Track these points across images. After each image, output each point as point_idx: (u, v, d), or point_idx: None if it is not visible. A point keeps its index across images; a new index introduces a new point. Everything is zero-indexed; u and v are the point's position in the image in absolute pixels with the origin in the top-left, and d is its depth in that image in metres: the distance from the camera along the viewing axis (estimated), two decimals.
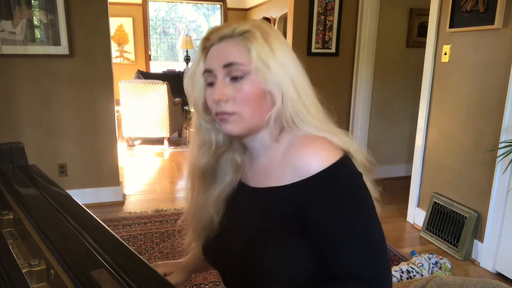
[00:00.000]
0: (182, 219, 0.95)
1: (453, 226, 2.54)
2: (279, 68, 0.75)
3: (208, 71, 0.78)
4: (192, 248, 0.98)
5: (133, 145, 5.22)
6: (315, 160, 0.71)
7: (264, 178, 0.81)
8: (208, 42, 0.78)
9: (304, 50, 3.44)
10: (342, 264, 0.68)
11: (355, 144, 0.79)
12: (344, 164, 0.73)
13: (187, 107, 5.66)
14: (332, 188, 0.70)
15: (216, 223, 0.85)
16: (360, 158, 0.78)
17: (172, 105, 5.08)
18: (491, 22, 2.22)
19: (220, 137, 0.84)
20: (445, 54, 2.60)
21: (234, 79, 0.75)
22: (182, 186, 3.83)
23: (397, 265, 2.21)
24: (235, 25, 0.76)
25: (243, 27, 0.75)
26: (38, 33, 2.87)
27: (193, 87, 0.82)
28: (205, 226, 0.87)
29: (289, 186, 0.74)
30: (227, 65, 0.75)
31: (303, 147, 0.74)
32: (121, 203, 3.25)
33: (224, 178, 0.85)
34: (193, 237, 0.92)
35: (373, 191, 0.78)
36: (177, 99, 5.40)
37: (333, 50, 3.58)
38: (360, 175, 0.74)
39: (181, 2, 8.16)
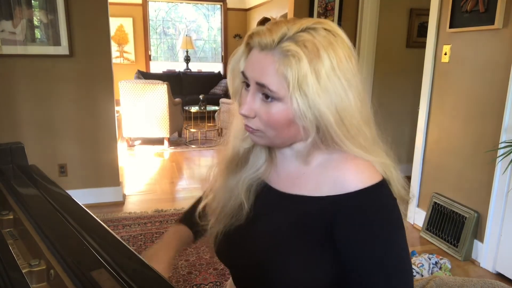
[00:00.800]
0: (204, 203, 0.90)
1: (453, 226, 2.54)
2: (321, 97, 0.66)
3: (244, 76, 0.72)
4: (211, 233, 0.89)
5: (133, 145, 5.22)
6: (356, 177, 0.68)
7: (293, 184, 0.77)
8: (251, 41, 0.71)
9: None
10: None
11: (397, 172, 0.76)
12: (384, 187, 0.70)
13: (187, 107, 5.66)
14: (370, 208, 0.68)
15: (245, 212, 0.80)
16: (398, 187, 0.75)
17: (172, 105, 5.08)
18: (491, 22, 2.22)
19: None
20: (445, 54, 2.60)
21: (266, 97, 0.69)
22: (182, 186, 3.84)
23: None
24: (282, 32, 0.66)
25: (289, 46, 0.65)
26: (38, 33, 2.87)
27: (233, 80, 0.78)
28: (232, 212, 0.82)
29: (323, 198, 0.70)
30: (259, 84, 0.68)
31: (345, 163, 0.70)
32: (121, 203, 3.25)
33: (257, 163, 0.82)
34: (217, 222, 0.86)
35: (404, 221, 0.75)
36: (177, 99, 5.40)
37: None
38: (395, 199, 0.72)
39: (181, 2, 8.16)
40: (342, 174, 0.69)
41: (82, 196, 3.07)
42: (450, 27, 2.51)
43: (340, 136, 0.69)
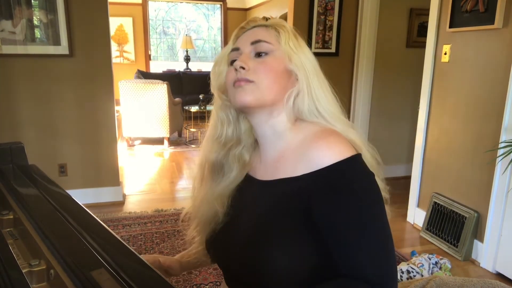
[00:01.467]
0: (185, 210, 0.97)
1: (453, 226, 2.54)
2: (304, 56, 0.80)
3: (235, 49, 0.83)
4: (194, 242, 0.97)
5: (133, 145, 5.22)
6: (328, 153, 0.71)
7: (273, 171, 0.80)
8: (241, 31, 0.85)
9: None
10: (348, 263, 0.68)
11: (364, 141, 0.80)
12: (358, 160, 0.72)
13: (187, 107, 5.66)
14: (343, 181, 0.69)
15: (221, 216, 0.85)
16: (368, 156, 0.78)
17: (172, 105, 5.08)
18: (491, 22, 2.22)
19: (230, 130, 0.86)
20: (445, 54, 2.60)
21: (259, 55, 0.80)
22: (182, 186, 3.84)
23: (397, 265, 2.21)
24: (271, 20, 0.84)
25: (278, 21, 0.83)
26: (38, 33, 2.87)
27: (218, 68, 0.87)
28: (209, 220, 0.87)
29: (299, 178, 0.73)
30: (255, 42, 0.80)
31: (317, 140, 0.74)
32: (121, 203, 3.25)
33: (230, 174, 0.86)
34: (197, 231, 0.92)
35: (383, 190, 0.77)
36: (177, 99, 5.40)
37: (333, 50, 3.58)
38: (372, 174, 0.73)
39: (181, 2, 8.16)
40: (315, 151, 0.73)
41: (82, 196, 3.07)
42: (450, 27, 2.51)
43: (317, 89, 0.80)
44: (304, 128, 0.79)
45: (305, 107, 0.79)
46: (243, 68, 0.78)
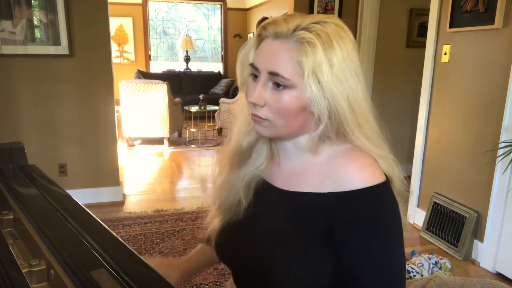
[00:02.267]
0: (207, 195, 0.92)
1: (453, 226, 2.54)
2: (335, 85, 0.68)
3: (254, 67, 0.73)
4: (213, 225, 0.90)
5: (133, 145, 5.22)
6: (360, 176, 0.68)
7: (295, 181, 0.77)
8: (264, 32, 0.72)
9: None
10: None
11: (398, 170, 0.77)
12: (387, 188, 0.71)
13: (187, 107, 5.66)
14: (370, 208, 0.68)
15: (243, 208, 0.81)
16: (399, 186, 0.76)
17: (172, 105, 5.08)
18: (491, 22, 2.22)
19: None
20: (445, 54, 2.60)
21: (277, 85, 0.70)
22: (182, 186, 3.84)
23: None
24: (297, 23, 0.68)
25: (304, 34, 0.67)
26: (38, 33, 2.87)
27: (241, 70, 0.79)
28: (231, 207, 0.83)
29: (326, 195, 0.71)
30: (272, 73, 0.69)
31: (350, 160, 0.71)
32: (121, 203, 3.25)
33: (258, 160, 0.82)
34: (218, 212, 0.87)
35: (404, 220, 0.76)
36: (177, 99, 5.40)
37: None
38: (397, 204, 0.72)
39: (181, 2, 8.16)
40: (346, 171, 0.70)
41: (82, 196, 3.07)
42: (450, 27, 2.51)
43: (350, 124, 0.70)
44: (333, 145, 0.74)
45: (340, 132, 0.72)
46: (258, 105, 0.72)
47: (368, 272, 0.67)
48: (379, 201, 0.69)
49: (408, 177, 3.05)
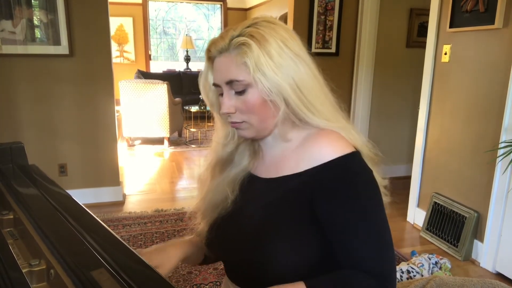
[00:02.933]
0: (192, 207, 0.96)
1: (453, 226, 2.54)
2: (277, 73, 0.74)
3: (216, 85, 0.82)
4: (201, 226, 0.96)
5: (133, 145, 5.22)
6: (330, 149, 0.75)
7: (276, 169, 0.83)
8: (210, 54, 0.81)
9: None
10: (349, 255, 0.70)
11: (362, 138, 0.82)
12: (357, 156, 0.76)
13: (187, 107, 5.66)
14: (343, 176, 0.73)
15: (230, 202, 0.86)
16: (367, 152, 0.81)
17: (172, 105, 5.08)
18: (491, 22, 2.22)
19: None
20: (445, 54, 2.60)
21: (238, 92, 0.78)
22: (182, 186, 3.84)
23: (397, 265, 2.21)
24: (230, 35, 0.76)
25: (238, 39, 0.75)
26: (38, 33, 2.87)
27: (207, 94, 0.86)
28: (218, 204, 0.88)
29: (301, 173, 0.76)
30: (229, 82, 0.77)
31: (318, 138, 0.77)
32: (121, 203, 3.25)
33: (242, 161, 0.88)
34: (203, 217, 0.93)
35: (382, 182, 0.80)
36: (177, 99, 5.40)
37: (333, 50, 3.58)
38: (371, 170, 0.77)
39: (181, 2, 8.16)
40: (317, 148, 0.76)
41: (82, 196, 3.07)
42: (450, 27, 2.51)
43: (301, 107, 0.77)
44: (304, 129, 0.81)
45: (298, 117, 0.79)
46: (231, 113, 0.79)
47: (354, 237, 0.70)
48: (353, 168, 0.74)
49: (408, 177, 3.06)
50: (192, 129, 5.74)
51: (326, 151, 0.75)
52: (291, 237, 0.74)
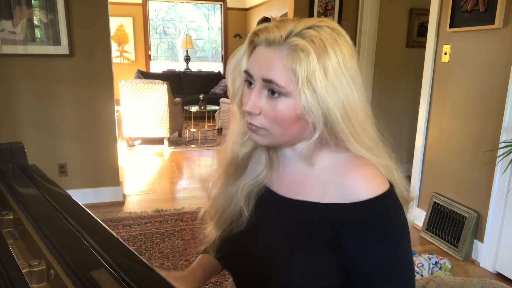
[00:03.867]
0: (204, 209, 0.89)
1: (453, 226, 2.54)
2: (329, 93, 0.65)
3: (248, 74, 0.71)
4: (209, 240, 0.89)
5: (133, 145, 5.22)
6: (366, 186, 0.68)
7: (296, 189, 0.76)
8: (256, 39, 0.70)
9: None
10: None
11: (400, 174, 0.76)
12: (392, 194, 0.70)
13: (187, 107, 5.66)
14: (378, 216, 0.68)
15: (245, 218, 0.79)
16: (401, 190, 0.76)
17: (172, 105, 5.08)
18: (491, 22, 2.22)
19: None
20: (445, 54, 2.60)
21: (272, 93, 0.68)
22: (182, 186, 3.84)
23: None
24: (289, 29, 0.66)
25: (297, 40, 0.65)
26: (38, 33, 2.87)
27: (233, 80, 0.76)
28: (231, 218, 0.81)
29: (330, 206, 0.70)
30: (267, 80, 0.67)
31: (354, 170, 0.70)
32: (121, 203, 3.25)
33: (257, 169, 0.80)
34: (215, 228, 0.86)
35: (409, 218, 0.76)
36: (177, 99, 5.40)
37: None
38: (401, 208, 0.72)
39: (181, 2, 8.16)
40: (350, 183, 0.69)
41: (82, 196, 3.07)
42: (450, 26, 2.51)
43: (346, 133, 0.68)
44: (333, 152, 0.73)
45: (337, 142, 0.71)
46: (254, 113, 0.70)
47: (377, 273, 0.67)
48: (386, 209, 0.69)
49: (408, 177, 3.06)
50: (192, 129, 5.74)
51: (360, 188, 0.68)
52: (306, 264, 0.70)
